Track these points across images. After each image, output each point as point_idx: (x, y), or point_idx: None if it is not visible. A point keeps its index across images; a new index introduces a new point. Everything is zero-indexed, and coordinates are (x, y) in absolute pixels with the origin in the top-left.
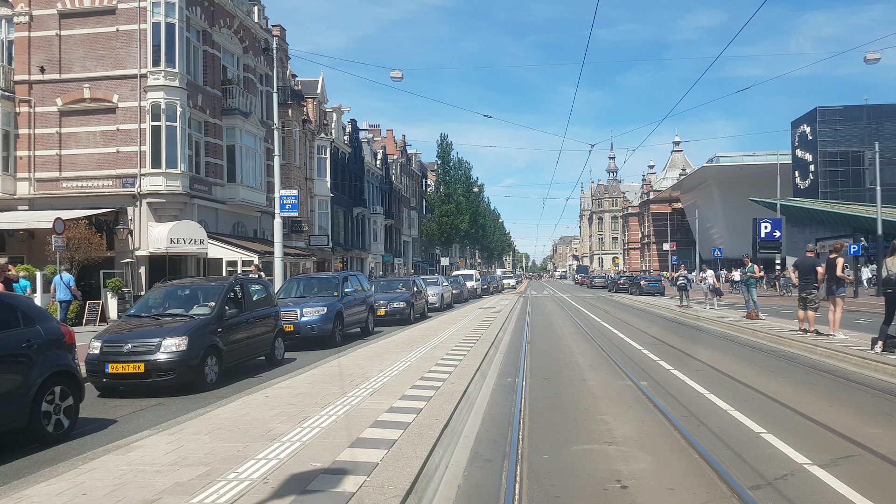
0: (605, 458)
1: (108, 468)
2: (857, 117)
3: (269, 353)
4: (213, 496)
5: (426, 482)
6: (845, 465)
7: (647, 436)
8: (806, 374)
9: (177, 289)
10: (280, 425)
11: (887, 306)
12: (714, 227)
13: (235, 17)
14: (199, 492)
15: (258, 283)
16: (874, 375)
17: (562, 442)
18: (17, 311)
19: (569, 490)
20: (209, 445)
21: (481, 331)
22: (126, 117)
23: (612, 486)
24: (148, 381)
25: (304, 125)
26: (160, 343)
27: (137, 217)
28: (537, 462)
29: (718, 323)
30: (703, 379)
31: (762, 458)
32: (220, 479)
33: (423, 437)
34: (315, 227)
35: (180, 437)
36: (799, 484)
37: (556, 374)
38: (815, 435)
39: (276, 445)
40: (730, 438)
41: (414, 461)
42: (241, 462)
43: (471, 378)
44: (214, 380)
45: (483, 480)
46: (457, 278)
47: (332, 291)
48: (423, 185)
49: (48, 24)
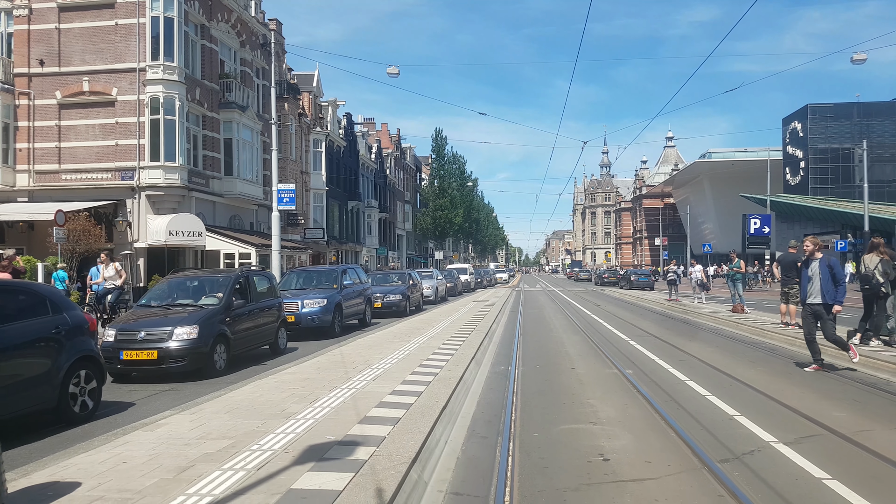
0: (590, 436)
1: (140, 442)
2: (848, 115)
3: (272, 343)
4: (241, 463)
5: (428, 454)
6: (808, 443)
7: (629, 417)
8: (783, 365)
9: (185, 280)
10: (293, 405)
11: (865, 302)
12: (706, 223)
13: (233, 12)
14: (228, 460)
15: (263, 276)
16: (847, 365)
17: (551, 422)
18: (46, 300)
19: (556, 462)
20: (230, 423)
21: (476, 322)
22: (125, 110)
23: (595, 459)
24: (161, 368)
25: (300, 119)
26: (172, 331)
27: (136, 209)
28: (528, 439)
29: (705, 316)
30: (685, 368)
31: (733, 437)
32: (244, 449)
33: (425, 416)
34: (310, 221)
35: (201, 416)
36: (764, 458)
37: (546, 362)
38: (783, 417)
39: (292, 422)
40: (705, 420)
41: (417, 436)
42: (262, 436)
43: (466, 366)
44: (223, 367)
45: (479, 453)
46: (451, 272)
47: (331, 284)
48: (417, 178)
49: (47, 17)
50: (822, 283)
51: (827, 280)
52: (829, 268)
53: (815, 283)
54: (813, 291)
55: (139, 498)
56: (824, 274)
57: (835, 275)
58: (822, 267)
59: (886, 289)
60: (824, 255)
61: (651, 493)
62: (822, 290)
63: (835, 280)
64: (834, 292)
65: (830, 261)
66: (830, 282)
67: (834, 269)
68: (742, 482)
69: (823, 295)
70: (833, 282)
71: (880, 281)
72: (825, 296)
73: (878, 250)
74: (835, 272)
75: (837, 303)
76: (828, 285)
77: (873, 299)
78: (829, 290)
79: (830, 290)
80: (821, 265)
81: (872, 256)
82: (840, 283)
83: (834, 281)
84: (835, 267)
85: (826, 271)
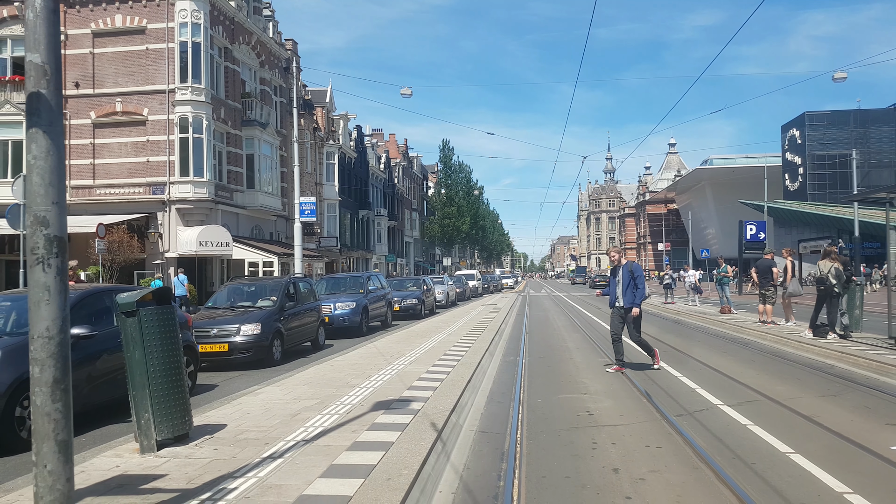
0: (580, 401)
1: (250, 402)
2: (845, 122)
3: (314, 339)
4: (333, 410)
5: (461, 409)
6: (747, 406)
7: (613, 390)
8: (751, 354)
9: (242, 286)
10: (354, 379)
11: (817, 300)
12: (708, 228)
13: (253, 34)
14: (323, 409)
15: (305, 281)
16: (804, 354)
17: (550, 393)
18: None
19: (554, 415)
20: (310, 391)
21: (486, 323)
22: (155, 129)
23: (582, 414)
24: (230, 358)
25: (314, 133)
26: (239, 328)
27: (167, 222)
28: (533, 403)
29: (695, 317)
30: (666, 357)
31: (690, 401)
32: (331, 404)
33: (455, 387)
34: (324, 230)
35: (285, 387)
36: (709, 414)
37: (549, 354)
38: (735, 389)
39: (357, 389)
40: (672, 392)
41: (451, 397)
42: (340, 397)
43: (482, 356)
44: (279, 358)
45: (497, 411)
46: (460, 278)
47: (358, 289)
48: (424, 187)
49: (82, 42)
50: (623, 288)
51: (628, 284)
52: (630, 273)
53: (620, 287)
54: (619, 295)
55: (272, 429)
56: (625, 279)
57: (635, 280)
58: (625, 273)
59: (839, 289)
60: (628, 262)
61: (620, 432)
62: (623, 294)
63: (635, 285)
64: (633, 296)
65: (633, 266)
66: (632, 286)
67: (635, 273)
68: (687, 426)
69: (624, 298)
70: (633, 286)
71: (833, 283)
72: (625, 298)
73: (832, 257)
74: (635, 277)
75: (636, 305)
76: (629, 290)
77: (826, 298)
78: (629, 294)
79: (630, 294)
80: (624, 271)
81: (826, 262)
82: (639, 287)
83: (634, 285)
84: (636, 271)
85: (628, 276)
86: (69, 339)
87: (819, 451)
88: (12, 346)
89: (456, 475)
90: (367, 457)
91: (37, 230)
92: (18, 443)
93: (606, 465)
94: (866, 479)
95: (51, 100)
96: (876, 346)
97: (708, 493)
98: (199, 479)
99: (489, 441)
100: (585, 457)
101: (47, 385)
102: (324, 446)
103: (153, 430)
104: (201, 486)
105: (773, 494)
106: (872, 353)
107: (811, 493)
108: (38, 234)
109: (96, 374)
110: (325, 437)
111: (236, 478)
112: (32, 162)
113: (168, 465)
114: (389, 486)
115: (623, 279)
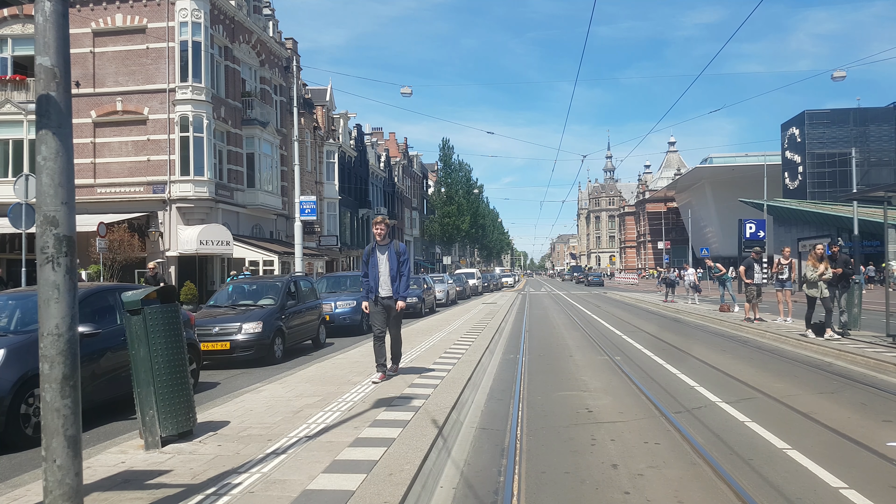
0: (580, 398)
1: (253, 399)
2: (844, 120)
3: (315, 337)
4: (335, 407)
5: (461, 407)
6: (745, 402)
7: (612, 387)
8: (749, 352)
9: (244, 285)
10: (355, 377)
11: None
12: (708, 227)
13: (253, 33)
14: (325, 406)
15: (306, 280)
16: (802, 352)
17: (550, 390)
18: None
19: (553, 412)
20: (312, 388)
21: (486, 321)
22: (156, 128)
23: (582, 411)
24: (232, 356)
25: (314, 132)
26: (241, 326)
27: (167, 220)
28: (533, 400)
29: (694, 315)
30: (665, 355)
31: (689, 399)
32: (333, 401)
33: (455, 384)
34: (325, 229)
35: (287, 384)
36: (707, 411)
37: (548, 352)
38: (732, 387)
39: (359, 387)
40: (671, 389)
41: (452, 394)
42: (341, 395)
43: (482, 353)
44: (280, 356)
45: (497, 408)
46: (459, 276)
47: (358, 288)
48: (424, 185)
49: (83, 41)
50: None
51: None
52: (397, 255)
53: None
54: (381, 283)
55: (275, 426)
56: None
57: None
58: (392, 255)
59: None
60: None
61: (619, 428)
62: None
63: (400, 271)
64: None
65: (400, 247)
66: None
67: (402, 256)
68: (685, 423)
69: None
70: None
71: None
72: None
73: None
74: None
75: (401, 298)
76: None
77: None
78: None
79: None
80: (391, 252)
81: (808, 265)
82: (403, 274)
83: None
84: (403, 255)
85: (395, 260)
86: (78, 336)
87: (816, 447)
88: (17, 344)
89: (457, 471)
90: (369, 452)
91: (46, 230)
92: (24, 440)
93: (605, 461)
94: (862, 474)
95: (60, 102)
96: (874, 344)
97: (705, 488)
98: (204, 474)
99: (489, 437)
100: (585, 453)
101: (57, 381)
102: (326, 442)
103: (158, 427)
104: (206, 481)
105: (770, 490)
106: (870, 351)
107: (807, 489)
108: (47, 233)
109: (100, 371)
110: (328, 434)
111: (240, 473)
112: (42, 163)
113: (173, 460)
114: (391, 481)
115: (390, 262)
